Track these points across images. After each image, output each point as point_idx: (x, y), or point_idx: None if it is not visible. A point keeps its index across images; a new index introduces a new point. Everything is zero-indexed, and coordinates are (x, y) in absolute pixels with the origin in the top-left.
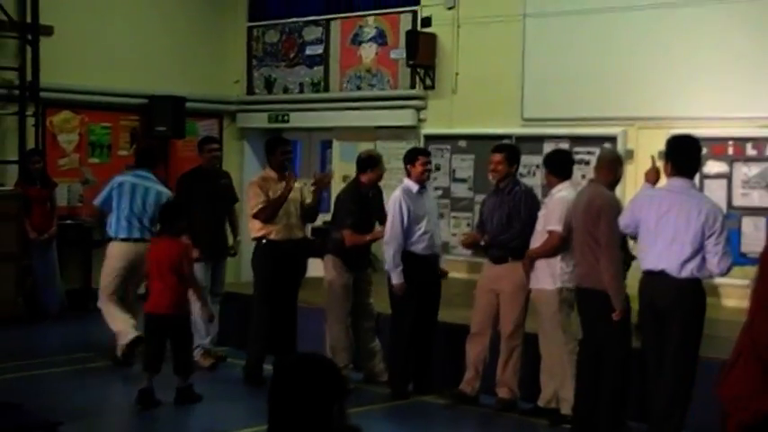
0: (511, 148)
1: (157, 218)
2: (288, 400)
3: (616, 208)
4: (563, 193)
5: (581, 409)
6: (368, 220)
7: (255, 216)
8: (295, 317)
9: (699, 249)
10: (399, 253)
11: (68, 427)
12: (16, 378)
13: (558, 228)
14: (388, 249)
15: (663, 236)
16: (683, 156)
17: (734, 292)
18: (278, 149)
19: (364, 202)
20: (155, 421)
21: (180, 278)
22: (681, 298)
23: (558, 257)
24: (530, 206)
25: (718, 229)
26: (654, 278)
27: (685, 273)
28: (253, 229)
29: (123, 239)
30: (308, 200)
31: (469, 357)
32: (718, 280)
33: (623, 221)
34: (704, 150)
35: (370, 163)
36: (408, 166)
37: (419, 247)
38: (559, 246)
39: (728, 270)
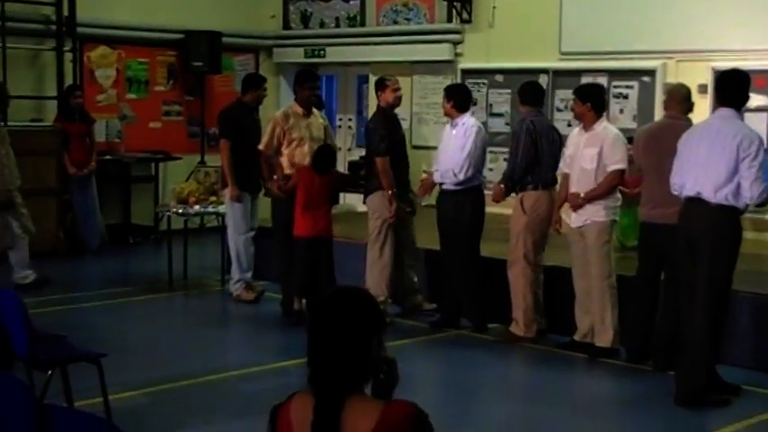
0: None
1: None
2: (327, 332)
3: None
4: (615, 131)
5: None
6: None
7: (260, 152)
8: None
9: (734, 173)
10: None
11: (112, 358)
12: (59, 310)
13: (624, 166)
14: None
15: (700, 160)
16: (731, 87)
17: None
18: (306, 85)
19: (393, 125)
20: (194, 352)
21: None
22: (713, 224)
23: None
24: (524, 138)
25: (752, 153)
26: (690, 204)
27: (720, 197)
28: (278, 165)
29: None
30: (329, 140)
31: None
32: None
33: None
34: None
35: (381, 84)
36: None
37: (436, 178)
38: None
39: (762, 199)
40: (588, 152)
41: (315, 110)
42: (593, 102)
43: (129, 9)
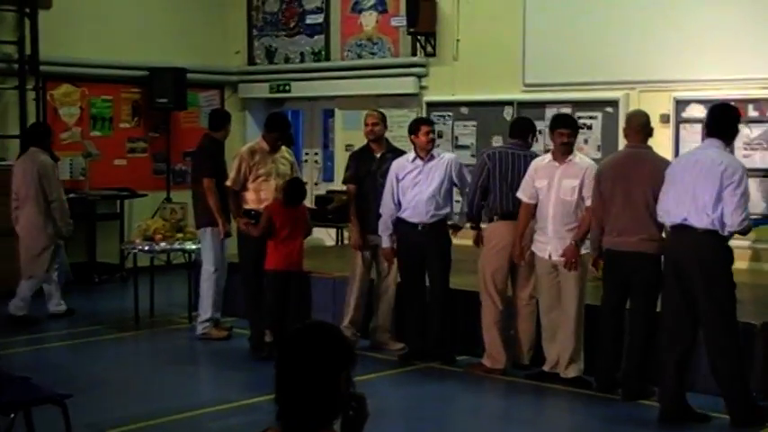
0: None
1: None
2: (294, 368)
3: None
4: (591, 161)
5: (609, 372)
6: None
7: (228, 188)
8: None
9: (718, 200)
10: (388, 219)
11: (78, 399)
12: (24, 351)
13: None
14: (381, 214)
15: (687, 187)
16: (721, 119)
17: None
18: (274, 134)
19: (361, 158)
20: (162, 390)
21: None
22: (700, 249)
23: None
24: (474, 173)
25: (736, 181)
26: (677, 231)
27: (706, 223)
28: (243, 200)
29: None
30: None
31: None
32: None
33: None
34: (706, 113)
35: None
36: (412, 137)
37: (405, 215)
38: None
39: (743, 227)
40: (568, 183)
41: (283, 147)
42: (576, 131)
43: (92, 46)
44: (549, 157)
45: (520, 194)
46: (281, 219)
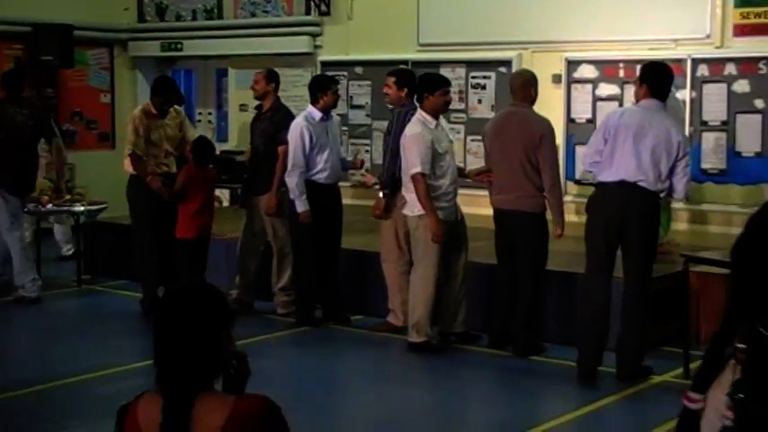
0: (402, 72)
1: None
2: (172, 329)
3: (553, 130)
4: None
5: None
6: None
7: (130, 158)
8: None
9: (671, 171)
10: (303, 181)
11: None
12: None
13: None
14: (291, 178)
15: (642, 151)
16: (657, 80)
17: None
18: (158, 98)
19: (255, 120)
20: (49, 355)
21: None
22: (649, 209)
23: None
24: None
25: (688, 154)
26: (621, 189)
27: (658, 188)
28: (128, 164)
29: None
30: (189, 134)
31: None
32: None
33: (595, 147)
34: (596, 73)
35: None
36: (319, 95)
37: (321, 177)
38: None
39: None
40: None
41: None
42: None
43: None
44: (429, 119)
45: (422, 169)
46: (197, 184)
